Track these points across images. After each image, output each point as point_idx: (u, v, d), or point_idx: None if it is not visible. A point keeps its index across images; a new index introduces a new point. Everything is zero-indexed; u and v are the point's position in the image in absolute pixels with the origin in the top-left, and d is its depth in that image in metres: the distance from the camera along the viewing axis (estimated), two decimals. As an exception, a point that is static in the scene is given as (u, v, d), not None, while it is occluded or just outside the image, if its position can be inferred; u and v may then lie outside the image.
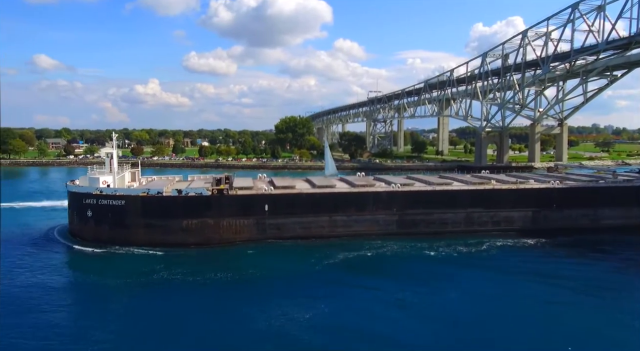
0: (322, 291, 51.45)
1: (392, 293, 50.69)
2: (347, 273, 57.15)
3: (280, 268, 58.75)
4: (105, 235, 66.91)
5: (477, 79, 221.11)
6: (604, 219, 78.15)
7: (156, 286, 53.00)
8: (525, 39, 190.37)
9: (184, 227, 66.47)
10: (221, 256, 63.58)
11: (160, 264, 59.52)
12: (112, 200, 66.12)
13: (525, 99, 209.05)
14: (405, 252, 65.51)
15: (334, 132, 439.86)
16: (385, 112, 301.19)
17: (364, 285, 53.04)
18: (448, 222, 73.79)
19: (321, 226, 70.36)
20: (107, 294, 51.48)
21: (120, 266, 60.13)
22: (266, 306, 46.72)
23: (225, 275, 55.83)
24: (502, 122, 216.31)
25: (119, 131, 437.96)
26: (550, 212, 76.79)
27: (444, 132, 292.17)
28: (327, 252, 64.72)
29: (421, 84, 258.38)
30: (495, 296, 50.66)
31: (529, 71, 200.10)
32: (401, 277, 56.11)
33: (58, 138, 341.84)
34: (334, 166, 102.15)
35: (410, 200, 73.16)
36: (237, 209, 68.17)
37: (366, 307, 47.07)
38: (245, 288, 52.41)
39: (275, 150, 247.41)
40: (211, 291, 51.63)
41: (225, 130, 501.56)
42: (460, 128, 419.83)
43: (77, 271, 58.92)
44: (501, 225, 75.02)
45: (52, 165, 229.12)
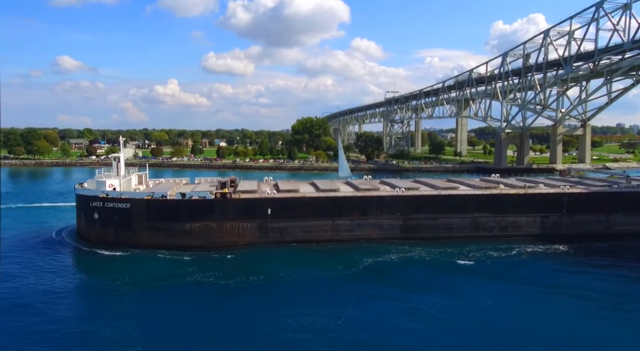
0: (335, 297, 50.69)
1: (405, 303, 49.39)
2: (359, 280, 56.01)
3: (286, 274, 57.95)
4: (111, 237, 67.61)
5: (497, 79, 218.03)
6: (617, 225, 75.93)
7: (160, 289, 53.12)
8: (547, 38, 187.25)
9: (188, 229, 66.78)
10: (225, 259, 63.33)
11: (166, 267, 59.92)
12: (118, 203, 66.87)
13: (547, 100, 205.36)
14: (411, 257, 64.08)
15: (351, 132, 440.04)
16: (403, 112, 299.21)
17: (377, 294, 51.61)
18: (453, 227, 72.48)
19: (324, 230, 69.83)
20: (110, 297, 51.75)
21: (127, 268, 60.33)
22: (275, 314, 46.33)
23: (228, 281, 55.39)
24: (522, 122, 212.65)
25: (138, 131, 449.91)
26: (560, 218, 74.88)
27: (463, 133, 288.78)
28: (332, 256, 64.37)
29: (439, 84, 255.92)
30: (514, 309, 48.07)
31: (551, 71, 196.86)
32: (411, 285, 54.47)
33: (80, 138, 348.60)
34: (348, 168, 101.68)
35: (415, 205, 72.07)
36: (240, 213, 68.17)
37: (382, 316, 45.78)
38: (253, 294, 51.96)
39: (292, 151, 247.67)
40: (217, 296, 51.55)
41: (242, 130, 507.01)
42: (479, 129, 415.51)
43: (84, 273, 59.71)
44: (508, 231, 73.49)
45: (74, 166, 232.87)
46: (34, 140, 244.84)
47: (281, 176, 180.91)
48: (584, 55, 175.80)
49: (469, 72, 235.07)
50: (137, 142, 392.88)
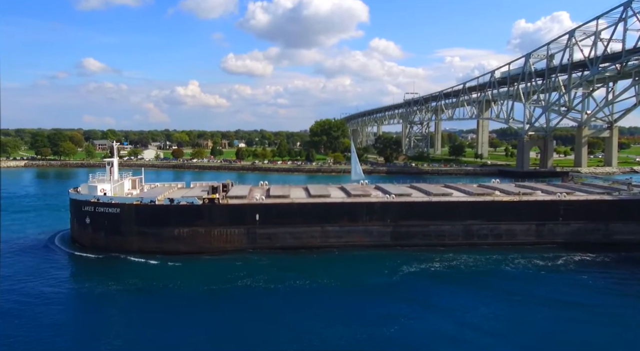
0: (318, 309, 49.81)
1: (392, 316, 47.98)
2: (342, 291, 54.97)
3: (264, 282, 57.19)
4: (102, 241, 68.43)
5: (519, 80, 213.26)
6: (617, 234, 73.27)
7: (145, 295, 53.59)
8: (573, 38, 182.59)
9: (176, 235, 67.05)
10: (209, 266, 63.47)
11: (147, 273, 60.39)
12: (108, 208, 67.61)
13: (572, 101, 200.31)
14: (400, 266, 62.60)
15: (369, 133, 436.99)
16: (422, 114, 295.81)
17: (362, 307, 50.42)
18: (445, 235, 70.90)
19: (313, 236, 69.18)
20: (87, 302, 52.29)
21: (118, 273, 60.62)
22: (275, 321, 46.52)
23: (200, 289, 55.38)
24: (546, 124, 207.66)
25: (160, 132, 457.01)
26: (556, 226, 72.65)
27: (484, 135, 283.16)
28: (317, 264, 63.78)
29: (460, 86, 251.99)
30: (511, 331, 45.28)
31: (576, 72, 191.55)
32: (396, 297, 53.42)
33: (104, 139, 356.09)
34: (361, 171, 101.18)
35: (405, 211, 70.79)
36: (228, 218, 68.14)
37: (368, 330, 44.39)
38: (212, 304, 51.79)
39: (310, 153, 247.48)
40: (184, 303, 51.40)
41: (261, 131, 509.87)
42: (500, 129, 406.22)
43: (66, 277, 59.97)
44: (502, 239, 71.66)
45: (98, 167, 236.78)
46: (60, 141, 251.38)
47: (299, 178, 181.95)
48: (610, 56, 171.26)
49: (491, 73, 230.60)
50: (158, 143, 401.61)
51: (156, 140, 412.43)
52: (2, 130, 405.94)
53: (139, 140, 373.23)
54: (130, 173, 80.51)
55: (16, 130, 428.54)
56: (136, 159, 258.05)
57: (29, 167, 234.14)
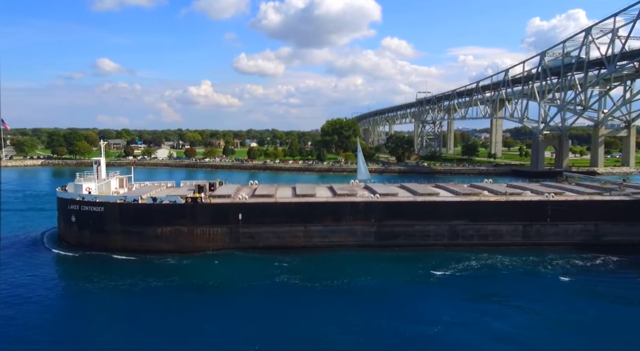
0: (289, 310, 49.51)
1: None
2: (317, 291, 54.34)
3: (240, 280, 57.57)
4: (87, 240, 68.91)
5: (534, 78, 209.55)
6: (606, 235, 71.21)
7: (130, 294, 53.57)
8: (589, 36, 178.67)
9: (159, 234, 67.17)
10: (190, 265, 63.32)
11: (132, 271, 60.42)
12: (93, 207, 68.04)
13: (588, 100, 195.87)
14: (382, 267, 62.10)
15: (381, 132, 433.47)
16: (435, 113, 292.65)
17: (336, 307, 50.08)
18: (430, 235, 69.71)
19: (296, 236, 68.63)
20: (66, 299, 52.86)
21: (98, 272, 60.53)
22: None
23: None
24: (561, 124, 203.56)
25: (173, 131, 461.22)
26: (544, 226, 70.89)
27: (497, 134, 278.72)
28: (302, 264, 63.18)
29: (473, 84, 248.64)
30: None
31: (593, 70, 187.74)
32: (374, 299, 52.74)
33: (119, 138, 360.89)
34: (367, 171, 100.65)
35: (390, 211, 69.82)
36: (211, 217, 67.96)
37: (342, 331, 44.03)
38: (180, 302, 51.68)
39: (321, 152, 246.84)
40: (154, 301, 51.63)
41: (273, 131, 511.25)
42: (515, 129, 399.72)
43: (52, 276, 60.72)
44: (489, 239, 70.18)
45: (113, 166, 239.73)
46: (75, 141, 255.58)
47: (310, 178, 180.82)
48: (628, 54, 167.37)
49: (505, 72, 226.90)
50: (171, 142, 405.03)
51: (169, 139, 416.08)
52: (19, 129, 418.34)
53: (153, 140, 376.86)
54: (118, 172, 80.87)
55: (33, 129, 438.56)
56: (149, 158, 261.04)
57: (45, 165, 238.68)
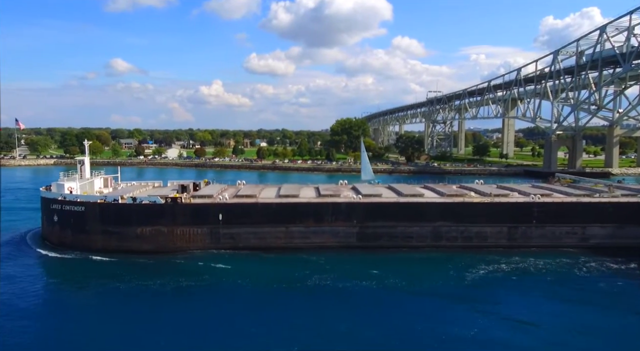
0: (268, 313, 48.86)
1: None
2: (294, 293, 53.84)
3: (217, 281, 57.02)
4: (69, 239, 69.03)
5: (547, 77, 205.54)
6: (593, 238, 69.28)
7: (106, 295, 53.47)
8: (604, 34, 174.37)
9: (139, 234, 66.97)
10: (168, 265, 62.74)
11: (110, 272, 60.21)
12: (74, 206, 68.10)
13: (603, 99, 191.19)
14: (364, 269, 60.47)
15: (391, 132, 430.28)
16: (445, 112, 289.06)
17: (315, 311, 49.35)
18: (413, 236, 68.39)
19: (277, 237, 67.86)
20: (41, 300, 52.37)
21: (75, 272, 60.90)
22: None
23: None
24: (575, 123, 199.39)
25: (184, 131, 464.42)
26: (529, 229, 69.08)
27: (509, 134, 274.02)
28: (280, 265, 62.52)
29: (484, 84, 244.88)
30: None
31: (608, 69, 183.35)
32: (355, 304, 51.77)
33: (130, 138, 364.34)
34: (371, 171, 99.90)
35: (372, 212, 68.68)
36: (191, 218, 67.49)
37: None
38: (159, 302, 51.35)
39: (330, 152, 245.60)
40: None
41: (282, 131, 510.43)
42: (527, 129, 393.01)
43: (29, 276, 60.16)
44: (473, 241, 68.64)
45: (124, 165, 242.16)
46: (88, 140, 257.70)
47: (318, 178, 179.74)
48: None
49: (517, 71, 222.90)
50: (182, 142, 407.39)
51: (180, 139, 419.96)
52: (34, 129, 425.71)
53: (164, 139, 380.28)
54: (103, 172, 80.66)
55: (47, 129, 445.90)
56: (160, 158, 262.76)
57: (58, 165, 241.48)
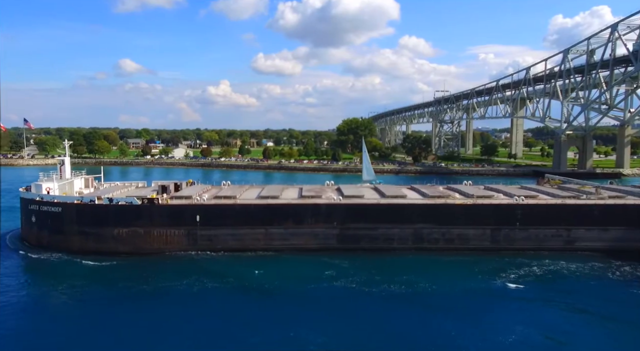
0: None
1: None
2: (264, 296, 52.75)
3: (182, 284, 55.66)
4: (46, 240, 68.56)
5: (557, 77, 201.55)
6: (578, 241, 67.26)
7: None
8: (615, 32, 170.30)
9: (115, 235, 66.19)
10: (144, 267, 61.76)
11: (84, 273, 59.81)
12: (51, 207, 67.53)
13: (614, 99, 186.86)
14: (342, 272, 59.09)
15: (398, 132, 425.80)
16: (453, 112, 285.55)
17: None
18: (394, 238, 67.01)
19: (256, 239, 66.71)
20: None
21: (48, 274, 60.19)
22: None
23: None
24: (585, 123, 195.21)
25: (191, 131, 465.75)
26: (513, 231, 67.27)
27: (518, 134, 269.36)
28: (250, 267, 61.03)
29: (493, 83, 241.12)
30: None
31: (619, 68, 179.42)
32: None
33: (138, 138, 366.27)
34: (372, 171, 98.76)
35: (353, 213, 67.39)
36: (168, 219, 66.59)
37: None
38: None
39: (336, 152, 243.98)
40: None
41: (289, 131, 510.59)
42: (536, 128, 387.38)
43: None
44: (455, 243, 67.06)
45: (131, 165, 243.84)
46: (95, 140, 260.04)
47: (324, 178, 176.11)
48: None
49: (526, 70, 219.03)
50: (189, 141, 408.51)
51: (187, 139, 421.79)
52: (44, 128, 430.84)
53: (171, 139, 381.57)
54: (84, 172, 79.86)
55: (57, 128, 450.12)
56: (166, 158, 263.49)
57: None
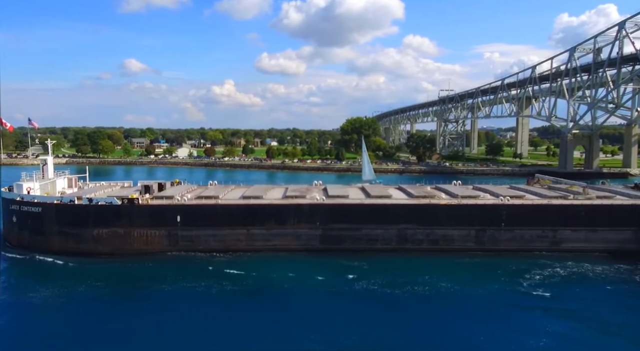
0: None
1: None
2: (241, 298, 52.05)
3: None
4: (27, 241, 67.96)
5: (563, 75, 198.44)
6: (565, 242, 65.68)
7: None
8: (623, 30, 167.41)
9: (95, 236, 65.37)
10: (123, 268, 60.92)
11: (61, 274, 59.12)
12: (31, 207, 66.87)
13: (621, 98, 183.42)
14: (324, 273, 57.97)
15: (402, 131, 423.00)
16: (458, 111, 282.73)
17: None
18: (378, 239, 65.74)
19: (238, 239, 65.64)
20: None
21: (22, 275, 59.54)
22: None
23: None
24: (591, 122, 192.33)
25: (195, 130, 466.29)
26: (498, 232, 65.78)
27: (523, 133, 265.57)
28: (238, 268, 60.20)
29: (498, 82, 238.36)
30: None
31: (626, 66, 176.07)
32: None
33: (143, 137, 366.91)
34: (372, 171, 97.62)
35: (336, 214, 66.18)
36: (148, 219, 65.68)
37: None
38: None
39: (340, 151, 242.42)
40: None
41: (293, 130, 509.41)
42: (542, 127, 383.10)
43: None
44: (439, 244, 65.72)
45: (134, 165, 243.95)
46: (99, 139, 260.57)
47: (328, 177, 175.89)
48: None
49: (532, 69, 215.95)
50: (193, 141, 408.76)
51: (191, 138, 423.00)
52: (49, 128, 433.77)
53: (175, 139, 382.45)
54: (67, 171, 79.16)
55: (62, 128, 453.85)
56: (170, 157, 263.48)
57: (69, 164, 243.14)
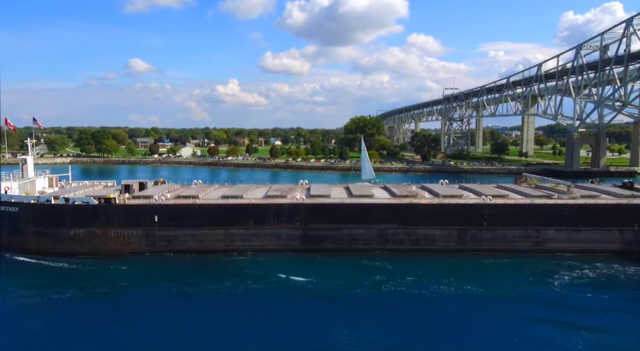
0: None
1: None
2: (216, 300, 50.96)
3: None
4: (4, 241, 67.24)
5: (569, 73, 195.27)
6: (548, 242, 64.04)
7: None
8: (630, 27, 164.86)
9: (72, 236, 64.56)
10: (98, 269, 60.02)
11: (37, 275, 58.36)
12: (9, 207, 66.26)
13: (628, 96, 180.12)
14: (304, 274, 56.44)
15: (406, 130, 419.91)
16: (462, 110, 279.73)
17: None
18: (358, 239, 64.50)
19: (217, 240, 64.57)
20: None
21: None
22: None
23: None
24: (598, 121, 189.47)
25: (200, 130, 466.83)
26: (479, 231, 64.27)
27: (529, 132, 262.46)
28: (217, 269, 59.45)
29: (503, 80, 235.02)
30: None
31: (634, 64, 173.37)
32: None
33: (147, 137, 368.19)
34: (372, 170, 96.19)
35: (316, 214, 64.99)
36: (125, 219, 64.77)
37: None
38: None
39: (344, 151, 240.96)
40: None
41: (297, 129, 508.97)
42: (548, 126, 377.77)
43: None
44: (420, 244, 64.34)
45: (138, 164, 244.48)
46: (103, 139, 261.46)
47: (331, 177, 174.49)
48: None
49: (537, 67, 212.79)
50: (197, 140, 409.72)
51: (195, 137, 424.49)
52: (55, 128, 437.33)
53: (179, 138, 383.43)
54: (48, 171, 78.52)
55: (67, 128, 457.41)
56: (174, 157, 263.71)
57: (74, 163, 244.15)
